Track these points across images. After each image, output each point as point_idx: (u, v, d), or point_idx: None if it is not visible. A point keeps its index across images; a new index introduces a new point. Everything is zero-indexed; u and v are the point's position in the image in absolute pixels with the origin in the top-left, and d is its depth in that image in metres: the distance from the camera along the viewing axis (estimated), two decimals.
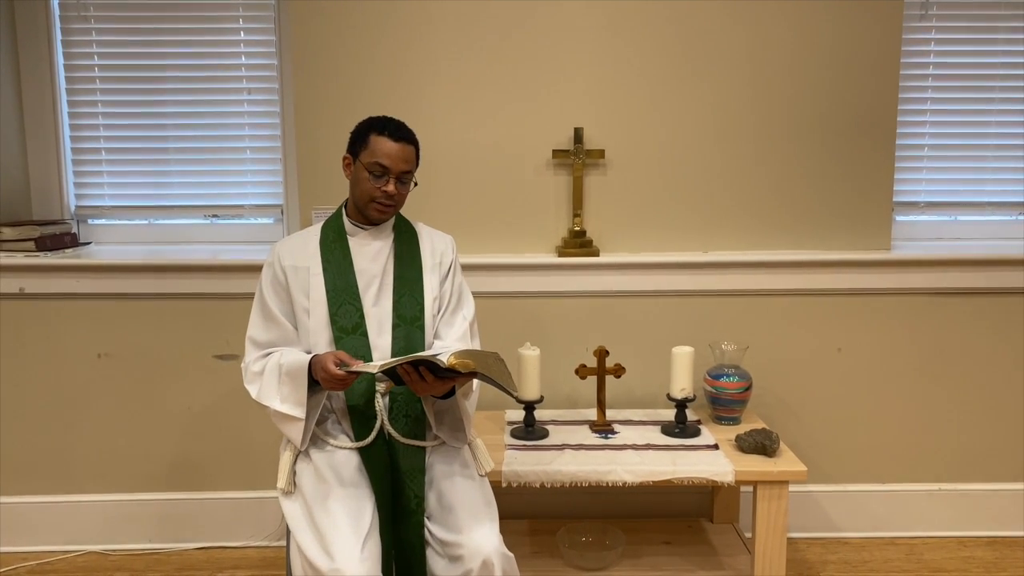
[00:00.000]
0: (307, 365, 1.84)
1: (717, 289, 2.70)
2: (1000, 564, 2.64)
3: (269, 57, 2.87)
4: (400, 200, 1.98)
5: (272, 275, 2.00)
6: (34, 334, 2.69)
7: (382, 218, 2.00)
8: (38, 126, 2.89)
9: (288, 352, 1.93)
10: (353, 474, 1.88)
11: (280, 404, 1.88)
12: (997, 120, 2.90)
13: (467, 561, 1.76)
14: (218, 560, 2.71)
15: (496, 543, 1.79)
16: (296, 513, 1.86)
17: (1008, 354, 2.76)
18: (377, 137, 1.93)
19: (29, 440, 2.74)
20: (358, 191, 1.97)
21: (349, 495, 1.83)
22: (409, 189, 2.00)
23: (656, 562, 2.44)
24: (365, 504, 1.83)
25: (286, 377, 1.88)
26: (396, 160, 1.93)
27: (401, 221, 2.08)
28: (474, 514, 1.84)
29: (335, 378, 1.78)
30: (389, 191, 1.93)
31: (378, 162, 1.92)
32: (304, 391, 1.86)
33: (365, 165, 1.93)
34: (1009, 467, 2.81)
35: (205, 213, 2.97)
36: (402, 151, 1.94)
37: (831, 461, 2.79)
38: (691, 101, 2.68)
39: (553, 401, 2.67)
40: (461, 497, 1.87)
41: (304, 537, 1.80)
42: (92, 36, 2.87)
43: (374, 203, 1.95)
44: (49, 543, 2.75)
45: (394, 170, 1.93)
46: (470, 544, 1.78)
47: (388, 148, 1.92)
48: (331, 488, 1.84)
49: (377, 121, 1.97)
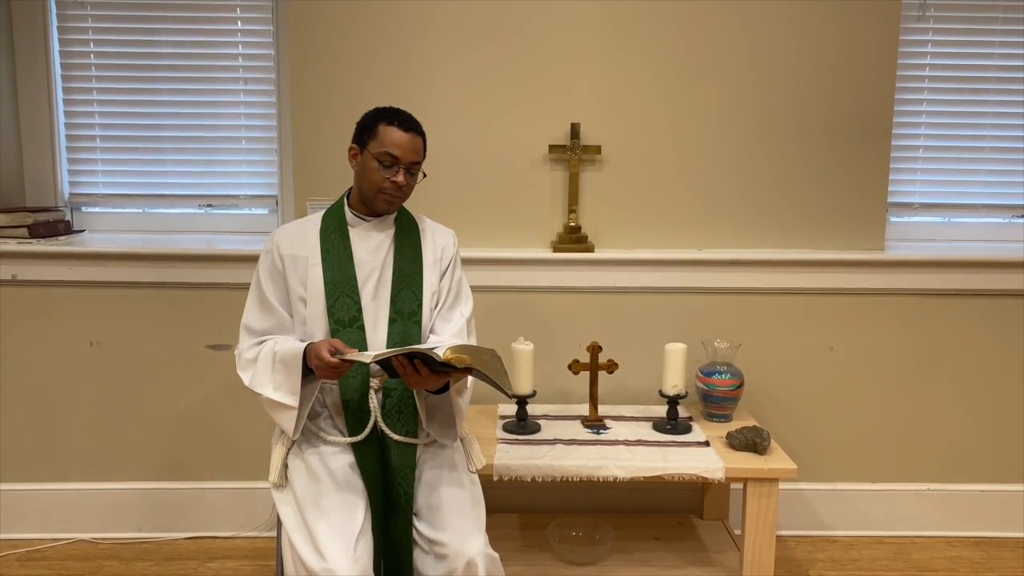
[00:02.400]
0: (302, 353, 1.83)
1: (711, 287, 2.70)
2: (987, 564, 2.66)
3: (266, 47, 2.86)
4: (408, 191, 1.97)
5: (270, 263, 1.99)
6: (26, 322, 2.68)
7: (389, 209, 1.99)
8: (33, 113, 2.87)
9: (283, 340, 1.92)
10: (346, 473, 1.87)
11: (273, 392, 1.87)
12: (992, 123, 2.90)
13: (451, 561, 1.76)
14: (208, 550, 2.71)
15: (481, 544, 1.78)
16: (289, 511, 1.85)
17: (1000, 356, 2.77)
18: (387, 127, 1.92)
19: (20, 428, 2.73)
20: (366, 182, 1.95)
21: (342, 495, 1.83)
22: (417, 180, 1.99)
23: (645, 558, 2.45)
24: (358, 503, 1.83)
25: (280, 365, 1.86)
26: (406, 150, 1.91)
27: (403, 214, 2.07)
28: (460, 514, 1.84)
29: (329, 366, 1.77)
30: (399, 182, 1.92)
31: (388, 152, 1.90)
32: (298, 379, 1.84)
33: (375, 155, 1.92)
34: (998, 468, 2.82)
35: (200, 202, 2.96)
36: (412, 141, 1.93)
37: (821, 459, 2.80)
38: (688, 99, 2.68)
39: (546, 396, 2.67)
40: (448, 497, 1.87)
41: (297, 536, 1.79)
42: (88, 23, 2.85)
43: (383, 194, 1.94)
44: (39, 531, 2.75)
45: (404, 160, 1.92)
46: (454, 544, 1.78)
47: (398, 138, 1.91)
48: (324, 487, 1.84)
49: (385, 111, 1.95)
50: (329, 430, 1.94)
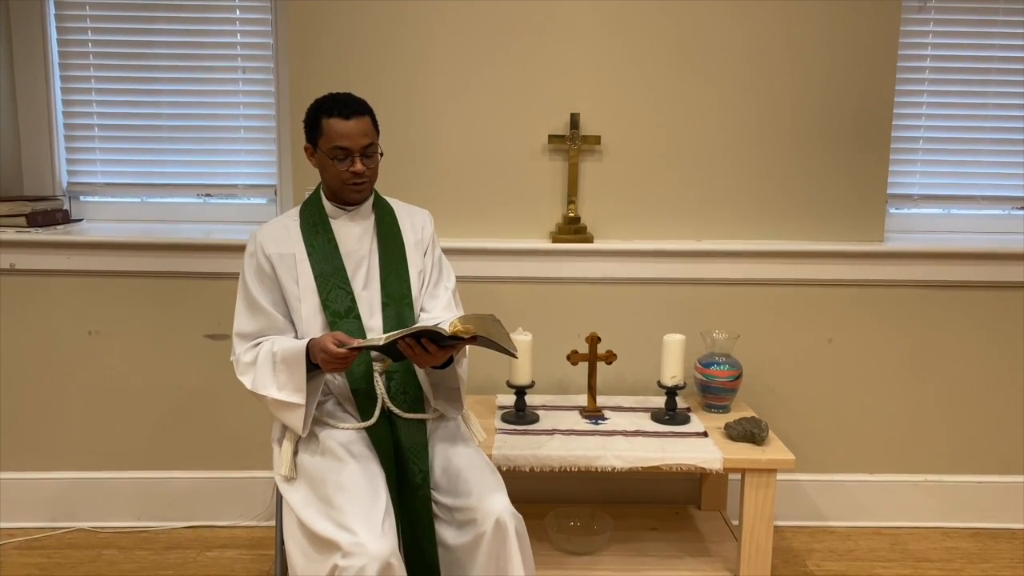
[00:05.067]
0: (304, 350, 1.81)
1: (710, 278, 2.70)
2: (983, 555, 2.67)
3: (264, 36, 2.84)
4: (372, 175, 1.95)
5: (256, 265, 1.96)
6: (24, 311, 2.68)
7: (361, 198, 1.97)
8: (31, 102, 2.86)
9: (279, 340, 1.91)
10: (363, 450, 1.85)
11: (277, 392, 1.84)
12: (993, 114, 2.90)
13: (480, 524, 1.75)
14: (207, 539, 2.71)
15: (506, 502, 1.78)
16: (301, 494, 1.81)
17: (998, 348, 2.77)
18: (328, 120, 1.89)
19: (19, 417, 2.73)
20: (329, 178, 1.94)
21: (364, 470, 1.80)
22: (378, 162, 1.96)
23: (643, 547, 2.45)
24: (379, 480, 1.80)
25: (281, 364, 1.85)
26: (355, 137, 1.88)
27: (378, 200, 2.06)
28: (480, 476, 1.84)
29: (336, 357, 1.74)
30: (358, 170, 1.90)
31: (336, 146, 1.87)
32: (303, 376, 1.82)
33: (326, 152, 1.90)
34: (994, 460, 2.83)
35: (198, 192, 2.96)
36: (358, 126, 1.88)
37: (819, 450, 2.81)
38: (688, 89, 2.67)
39: (544, 386, 2.67)
40: (467, 463, 1.87)
41: (313, 515, 1.73)
42: (86, 11, 2.83)
43: (348, 186, 1.92)
44: (38, 520, 2.75)
45: (355, 149, 1.88)
46: (481, 507, 1.77)
47: (343, 128, 1.87)
48: (343, 463, 1.80)
49: (323, 102, 1.92)
50: (339, 415, 1.93)
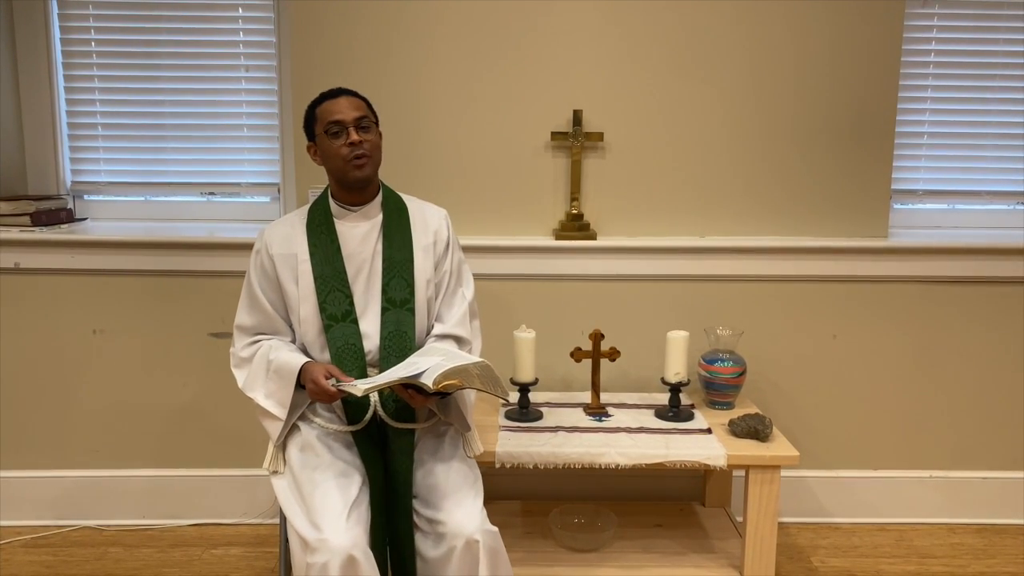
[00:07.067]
0: (297, 370, 1.85)
1: (713, 274, 2.70)
2: (989, 551, 2.66)
3: (267, 35, 2.84)
4: (372, 149, 1.95)
5: (259, 263, 1.99)
6: (29, 310, 2.69)
7: (364, 174, 1.94)
8: (34, 101, 2.87)
9: (278, 346, 1.93)
10: (342, 448, 1.89)
11: (264, 399, 1.90)
12: (997, 109, 2.89)
13: (450, 539, 1.76)
14: (211, 537, 2.72)
15: (479, 520, 1.78)
16: (285, 489, 1.87)
17: (1003, 343, 2.77)
18: (319, 107, 1.97)
19: (24, 415, 2.74)
20: (331, 162, 1.95)
21: (336, 466, 1.84)
22: (377, 137, 1.97)
23: (647, 544, 2.45)
24: (353, 475, 1.83)
25: (274, 374, 1.88)
26: (345, 110, 1.92)
27: (389, 197, 2.05)
28: (457, 492, 1.84)
29: (324, 392, 1.79)
30: (354, 140, 1.90)
31: (331, 121, 1.92)
32: (290, 393, 1.87)
33: (323, 136, 1.93)
34: (999, 456, 2.82)
35: (201, 191, 2.96)
36: (347, 101, 1.95)
37: (823, 447, 2.80)
38: (691, 85, 2.67)
39: (548, 384, 2.67)
40: (444, 476, 1.87)
41: (293, 511, 1.80)
42: (89, 10, 2.84)
43: (349, 163, 1.92)
44: (43, 518, 2.76)
45: (348, 120, 1.91)
46: (451, 522, 1.77)
47: (332, 106, 1.94)
48: (319, 460, 1.85)
49: (314, 99, 1.99)
50: (326, 414, 1.94)
